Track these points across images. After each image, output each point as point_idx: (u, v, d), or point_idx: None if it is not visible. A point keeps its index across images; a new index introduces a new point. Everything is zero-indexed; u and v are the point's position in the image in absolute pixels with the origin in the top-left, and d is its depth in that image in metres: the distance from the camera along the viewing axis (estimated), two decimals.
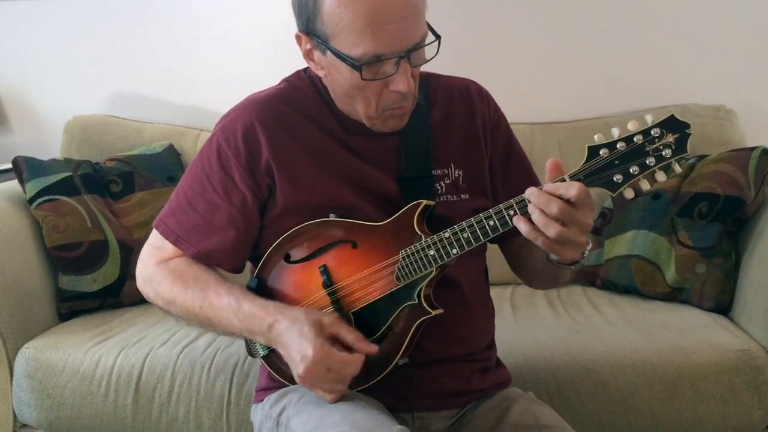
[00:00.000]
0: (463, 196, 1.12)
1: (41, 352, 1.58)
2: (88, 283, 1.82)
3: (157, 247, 1.12)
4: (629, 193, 0.91)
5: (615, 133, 0.90)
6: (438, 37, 0.99)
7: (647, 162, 0.89)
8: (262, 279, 1.10)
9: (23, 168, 1.88)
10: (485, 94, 1.19)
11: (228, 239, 1.08)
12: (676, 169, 0.89)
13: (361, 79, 0.97)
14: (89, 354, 1.56)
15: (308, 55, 1.05)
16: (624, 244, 1.83)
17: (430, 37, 0.99)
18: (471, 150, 1.14)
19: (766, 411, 1.43)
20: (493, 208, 0.95)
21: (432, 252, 0.99)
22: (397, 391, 1.08)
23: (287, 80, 1.15)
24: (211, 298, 1.04)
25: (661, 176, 0.89)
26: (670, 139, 0.88)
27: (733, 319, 1.65)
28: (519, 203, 0.94)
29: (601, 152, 0.90)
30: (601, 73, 2.18)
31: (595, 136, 0.91)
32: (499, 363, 1.21)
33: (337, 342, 0.97)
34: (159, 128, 2.20)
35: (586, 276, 1.91)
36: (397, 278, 1.02)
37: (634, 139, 0.89)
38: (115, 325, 1.73)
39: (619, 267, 1.82)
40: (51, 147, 2.23)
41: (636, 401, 1.44)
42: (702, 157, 1.83)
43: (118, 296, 1.86)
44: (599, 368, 1.45)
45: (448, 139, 1.13)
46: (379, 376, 1.04)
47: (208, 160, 1.10)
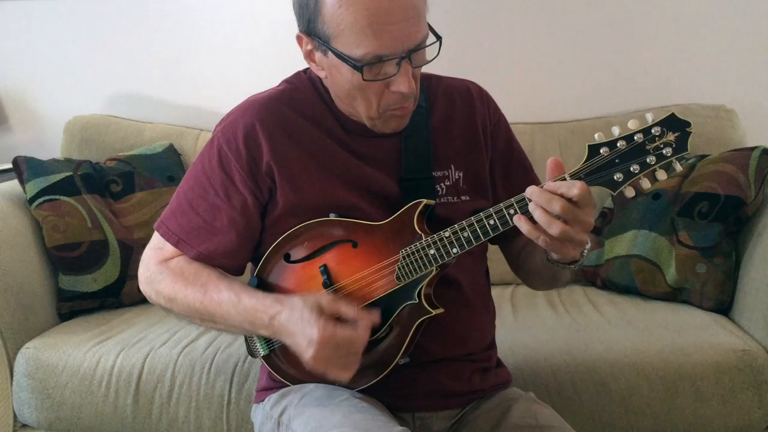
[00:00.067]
0: (464, 198, 1.12)
1: (41, 352, 1.58)
2: (88, 283, 1.82)
3: (159, 249, 1.12)
4: (630, 192, 0.91)
5: (615, 131, 0.90)
6: (439, 38, 0.99)
7: (648, 160, 0.88)
8: (261, 279, 1.10)
9: (23, 168, 1.88)
10: (485, 96, 1.19)
11: (229, 242, 1.08)
12: (677, 167, 0.89)
13: (363, 79, 0.97)
14: (89, 354, 1.56)
15: (309, 56, 1.04)
16: (624, 244, 1.83)
17: (431, 38, 0.99)
18: (471, 152, 1.14)
19: (767, 411, 1.43)
20: (494, 207, 0.95)
21: (432, 251, 0.99)
22: (397, 391, 1.08)
23: (287, 81, 1.15)
24: (212, 293, 1.04)
25: (662, 175, 0.89)
26: (671, 137, 0.88)
27: (733, 319, 1.65)
28: (519, 202, 0.94)
29: (601, 151, 0.90)
30: (602, 73, 2.18)
31: (596, 135, 0.91)
32: (499, 363, 1.21)
33: (339, 320, 0.96)
34: (159, 128, 2.20)
35: (586, 276, 1.91)
36: (398, 278, 1.02)
37: (635, 138, 0.89)
38: (115, 325, 1.73)
39: (619, 267, 1.82)
40: (51, 147, 2.23)
41: (636, 401, 1.44)
42: (702, 157, 1.83)
43: (119, 296, 1.86)
44: (599, 368, 1.45)
45: (449, 141, 1.13)
46: (380, 376, 1.04)
47: (209, 162, 1.09)
